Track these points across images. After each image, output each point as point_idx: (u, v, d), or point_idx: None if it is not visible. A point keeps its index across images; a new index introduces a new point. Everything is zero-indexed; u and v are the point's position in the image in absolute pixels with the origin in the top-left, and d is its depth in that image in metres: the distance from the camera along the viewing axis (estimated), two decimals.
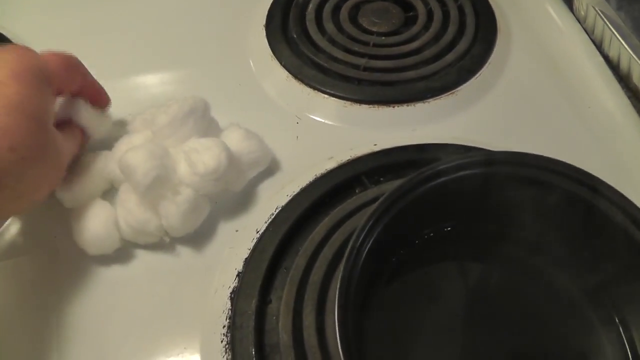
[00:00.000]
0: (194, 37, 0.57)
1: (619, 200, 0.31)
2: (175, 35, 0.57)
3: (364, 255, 0.30)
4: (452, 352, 0.36)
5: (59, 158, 0.38)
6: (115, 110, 0.48)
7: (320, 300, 0.37)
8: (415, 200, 0.32)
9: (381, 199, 0.31)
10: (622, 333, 0.33)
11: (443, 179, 0.33)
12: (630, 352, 0.33)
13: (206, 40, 0.56)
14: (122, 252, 0.42)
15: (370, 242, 0.30)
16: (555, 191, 0.33)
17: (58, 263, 0.42)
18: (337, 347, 0.34)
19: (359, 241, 0.30)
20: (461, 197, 0.35)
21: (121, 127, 0.48)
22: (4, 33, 0.55)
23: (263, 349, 0.37)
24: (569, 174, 0.33)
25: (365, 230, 0.30)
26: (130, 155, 0.40)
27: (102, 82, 0.52)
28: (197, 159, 0.41)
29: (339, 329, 0.27)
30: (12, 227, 0.44)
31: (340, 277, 0.29)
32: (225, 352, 0.37)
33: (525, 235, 0.37)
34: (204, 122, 0.45)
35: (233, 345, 0.37)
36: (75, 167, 0.44)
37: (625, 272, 0.32)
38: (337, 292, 0.28)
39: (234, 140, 0.44)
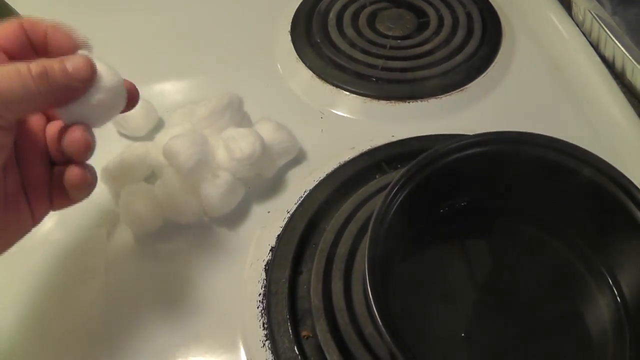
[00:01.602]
0: (226, 43, 0.62)
1: (608, 169, 0.36)
2: (208, 41, 0.63)
3: (390, 215, 0.34)
4: (462, 311, 0.40)
5: None
6: (158, 107, 0.53)
7: (347, 269, 0.41)
8: (433, 173, 0.37)
9: (404, 170, 0.36)
10: (609, 280, 0.38)
11: (456, 155, 0.38)
12: (617, 294, 0.38)
13: (237, 45, 0.62)
14: (165, 230, 0.46)
15: (395, 206, 0.35)
16: (553, 166, 0.38)
17: (108, 240, 0.47)
18: (364, 307, 0.39)
19: (387, 202, 0.34)
20: (472, 175, 0.39)
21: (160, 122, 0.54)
22: None
23: (296, 313, 0.41)
24: (565, 150, 0.38)
25: (392, 194, 0.35)
26: (175, 142, 0.45)
27: (143, 85, 0.57)
28: (234, 145, 0.46)
29: (369, 279, 0.32)
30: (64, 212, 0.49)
31: (368, 237, 0.33)
32: (262, 316, 0.41)
33: (527, 208, 0.41)
34: (238, 115, 0.49)
35: (269, 309, 0.41)
36: (120, 156, 0.49)
37: (610, 230, 0.37)
38: (367, 244, 0.33)
39: (266, 131, 0.49)
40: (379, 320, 0.32)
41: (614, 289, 0.38)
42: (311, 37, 0.61)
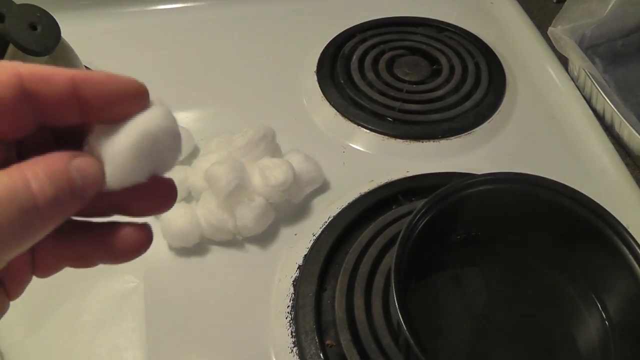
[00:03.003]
0: (259, 80, 0.68)
1: (596, 208, 0.42)
2: (242, 77, 0.69)
3: (413, 238, 0.40)
4: (468, 327, 0.46)
5: None
6: (195, 135, 0.59)
7: (367, 287, 0.47)
8: (449, 206, 0.43)
9: (426, 200, 0.42)
10: (598, 305, 0.44)
11: (468, 190, 0.44)
12: (605, 317, 0.43)
13: (268, 82, 0.68)
14: (201, 247, 0.52)
15: (417, 231, 0.41)
16: (549, 203, 0.44)
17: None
18: (383, 320, 0.44)
19: (410, 227, 0.40)
20: (482, 208, 0.45)
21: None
22: (92, 69, 0.66)
23: (321, 324, 0.46)
24: (559, 190, 0.44)
25: (416, 219, 0.40)
26: (216, 167, 0.50)
27: (182, 112, 0.63)
28: (269, 173, 0.51)
29: (396, 292, 0.37)
30: None
31: (395, 253, 0.39)
32: (290, 326, 0.47)
33: (529, 240, 0.47)
34: (272, 146, 0.55)
35: (296, 320, 0.46)
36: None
37: (599, 262, 0.43)
38: (394, 259, 0.38)
39: (296, 161, 0.54)
40: (407, 332, 0.37)
41: (602, 313, 0.44)
42: (335, 78, 0.67)
